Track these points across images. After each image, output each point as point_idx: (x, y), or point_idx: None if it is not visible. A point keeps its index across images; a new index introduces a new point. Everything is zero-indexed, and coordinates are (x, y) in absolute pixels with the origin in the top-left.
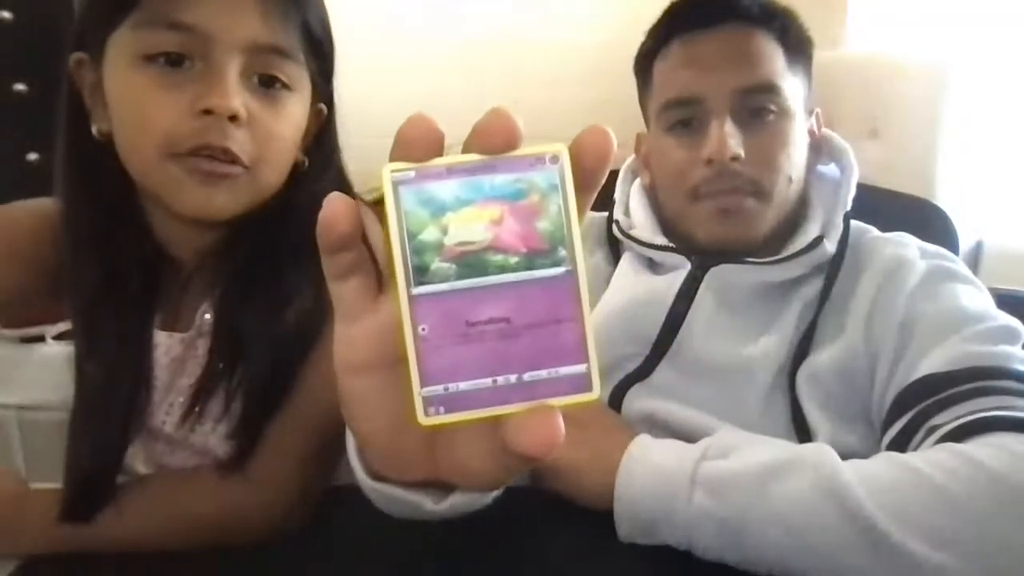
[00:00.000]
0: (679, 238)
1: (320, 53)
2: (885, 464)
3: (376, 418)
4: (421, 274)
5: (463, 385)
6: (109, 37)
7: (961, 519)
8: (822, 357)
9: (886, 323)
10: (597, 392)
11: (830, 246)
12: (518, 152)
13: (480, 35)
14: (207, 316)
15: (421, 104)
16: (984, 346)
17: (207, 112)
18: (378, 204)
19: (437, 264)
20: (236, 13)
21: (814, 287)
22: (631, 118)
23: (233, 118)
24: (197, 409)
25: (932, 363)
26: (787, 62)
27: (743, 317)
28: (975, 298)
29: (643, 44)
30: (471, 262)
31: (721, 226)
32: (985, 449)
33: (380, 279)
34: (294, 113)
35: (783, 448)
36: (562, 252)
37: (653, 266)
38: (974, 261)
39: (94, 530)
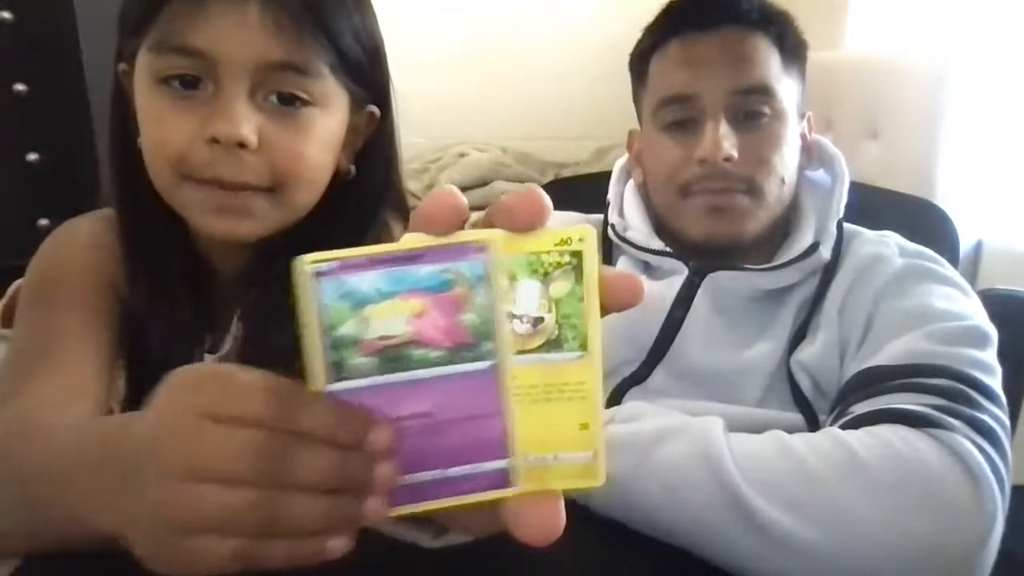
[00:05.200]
0: (671, 237)
1: (354, 66)
2: (766, 439)
3: None
4: (339, 370)
5: None
6: (137, 53)
7: (810, 487)
8: (808, 351)
9: (855, 317)
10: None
11: (825, 252)
12: (444, 240)
13: (482, 33)
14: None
15: (422, 102)
16: (938, 345)
17: (215, 140)
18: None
19: (357, 359)
20: (244, 33)
21: (807, 291)
22: (632, 116)
23: (242, 145)
24: None
25: (882, 356)
26: (783, 65)
27: (739, 323)
28: (948, 298)
29: (640, 41)
30: (392, 356)
31: (711, 222)
32: (861, 435)
33: None
34: (323, 128)
35: (677, 418)
36: (487, 346)
37: (649, 269)
38: (974, 261)
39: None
